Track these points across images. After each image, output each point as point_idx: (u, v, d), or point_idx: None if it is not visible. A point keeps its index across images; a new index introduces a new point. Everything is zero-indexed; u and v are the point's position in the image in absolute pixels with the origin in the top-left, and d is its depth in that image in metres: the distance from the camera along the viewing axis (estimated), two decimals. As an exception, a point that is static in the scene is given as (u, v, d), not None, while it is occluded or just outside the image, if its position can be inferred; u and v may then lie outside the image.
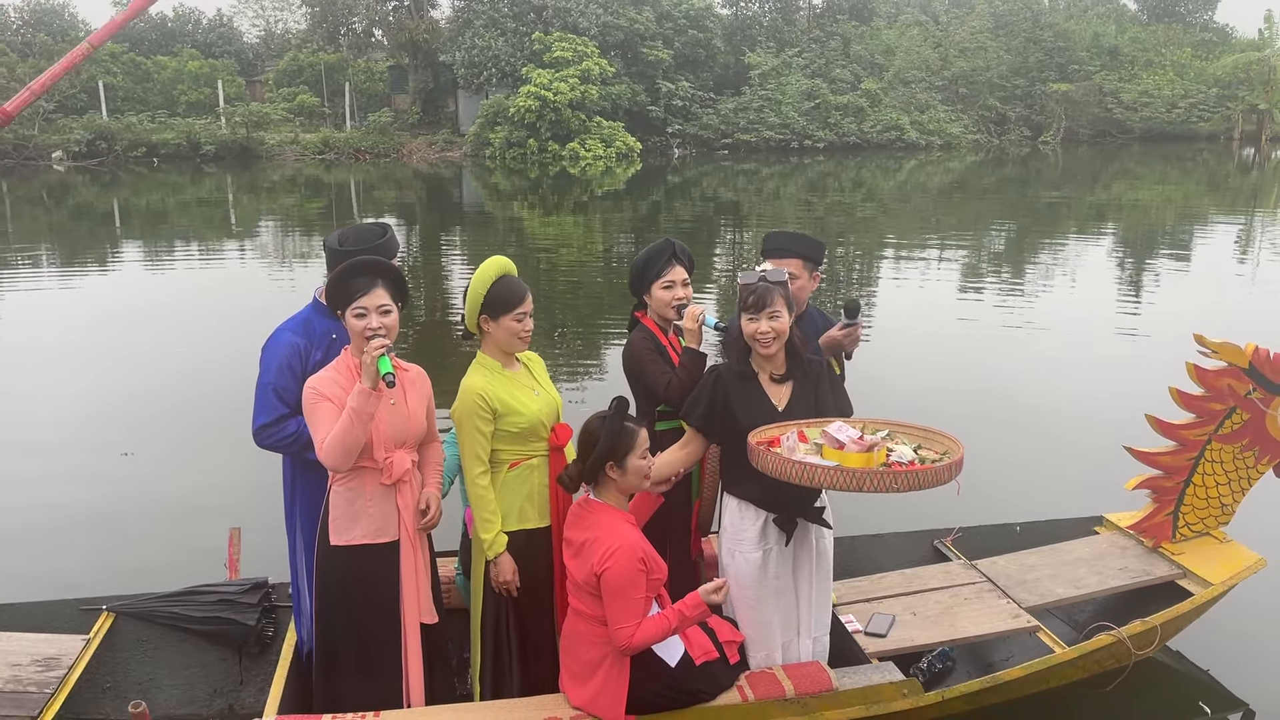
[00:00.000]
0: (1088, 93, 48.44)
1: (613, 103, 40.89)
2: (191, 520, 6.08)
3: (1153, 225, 20.94)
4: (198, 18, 53.66)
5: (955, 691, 3.68)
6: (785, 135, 43.75)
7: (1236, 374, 4.22)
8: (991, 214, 22.75)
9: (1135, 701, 4.14)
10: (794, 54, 46.41)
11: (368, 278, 3.20)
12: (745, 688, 3.43)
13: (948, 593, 4.35)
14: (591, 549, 3.21)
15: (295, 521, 3.70)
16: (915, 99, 46.25)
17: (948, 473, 3.12)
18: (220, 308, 12.53)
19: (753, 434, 3.36)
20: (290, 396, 3.48)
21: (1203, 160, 39.26)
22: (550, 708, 3.35)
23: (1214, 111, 49.10)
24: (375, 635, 3.37)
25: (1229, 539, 4.52)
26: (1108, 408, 7.93)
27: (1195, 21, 58.25)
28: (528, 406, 3.46)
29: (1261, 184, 31.00)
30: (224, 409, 8.04)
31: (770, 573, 3.55)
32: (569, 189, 29.64)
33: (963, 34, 49.99)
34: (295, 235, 20.34)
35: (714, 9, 47.75)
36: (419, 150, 42.02)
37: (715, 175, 34.07)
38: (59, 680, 3.60)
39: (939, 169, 35.65)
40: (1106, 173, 34.23)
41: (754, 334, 3.44)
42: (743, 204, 25.61)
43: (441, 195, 30.21)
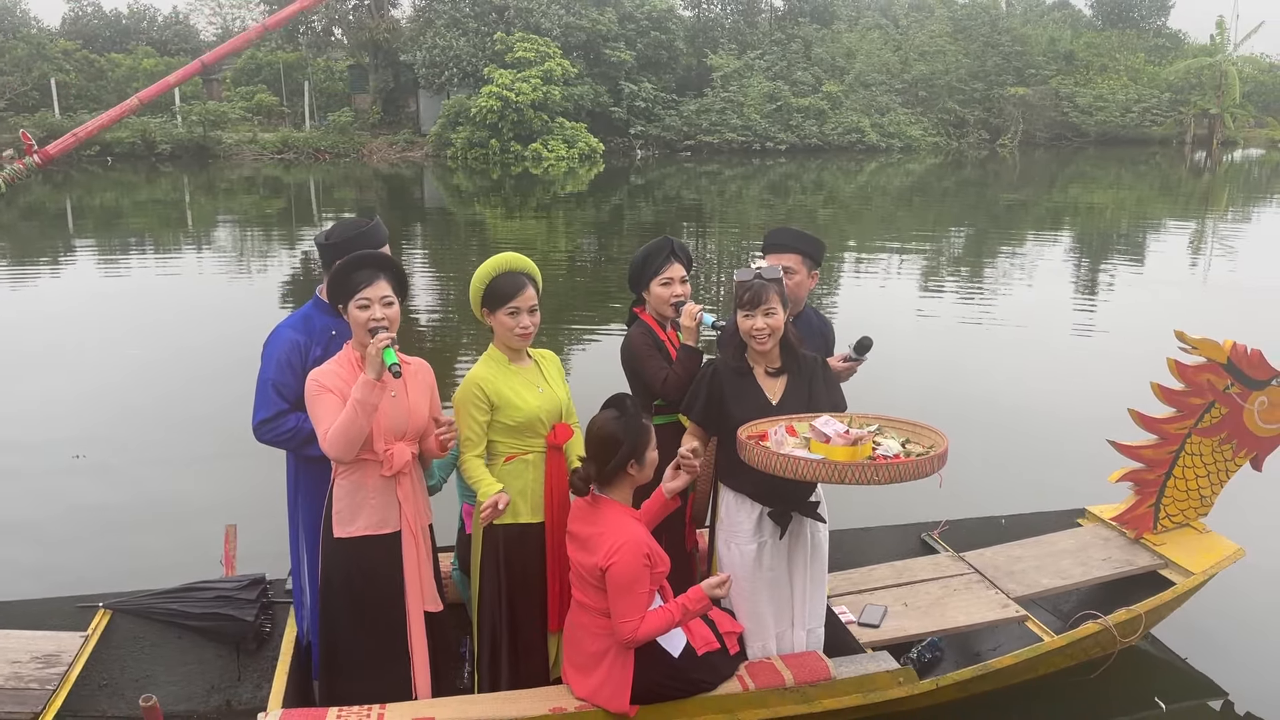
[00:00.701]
0: (1044, 97, 49.09)
1: (575, 103, 40.81)
2: (182, 518, 6.10)
3: (1108, 228, 21.27)
4: (153, 15, 52.94)
5: (949, 679, 3.78)
6: (747, 137, 43.90)
7: (1216, 369, 4.34)
8: (951, 216, 22.99)
9: (1120, 687, 4.27)
10: (756, 56, 46.60)
11: (370, 270, 3.26)
12: (745, 677, 3.52)
13: (938, 584, 4.46)
14: (598, 544, 3.27)
15: (298, 516, 3.73)
16: (876, 102, 46.61)
17: (929, 465, 3.19)
18: (179, 307, 12.35)
19: (742, 429, 3.43)
20: (290, 392, 3.52)
21: (1156, 164, 39.93)
22: (554, 699, 3.41)
23: (1167, 116, 49.95)
24: (380, 625, 3.41)
25: (1208, 530, 4.67)
26: (1077, 404, 8.06)
27: (1148, 27, 59.22)
28: (526, 402, 3.51)
29: (1213, 187, 31.58)
30: (203, 406, 8.15)
31: (765, 565, 3.63)
32: (531, 190, 29.54)
33: (922, 38, 50.46)
34: (254, 236, 20.08)
35: (676, 11, 47.80)
36: (380, 150, 41.67)
37: (678, 177, 34.11)
38: (59, 677, 3.63)
39: (899, 171, 35.95)
40: (1063, 175, 34.71)
41: (750, 330, 3.52)
42: (705, 205, 25.66)
43: (403, 196, 29.97)
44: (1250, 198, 27.89)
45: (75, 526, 6.04)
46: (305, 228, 21.44)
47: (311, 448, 3.46)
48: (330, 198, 28.77)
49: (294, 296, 13.34)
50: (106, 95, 43.47)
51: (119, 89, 43.95)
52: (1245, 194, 29.04)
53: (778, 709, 3.52)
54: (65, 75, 42.12)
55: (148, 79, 44.03)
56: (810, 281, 4.09)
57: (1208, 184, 32.77)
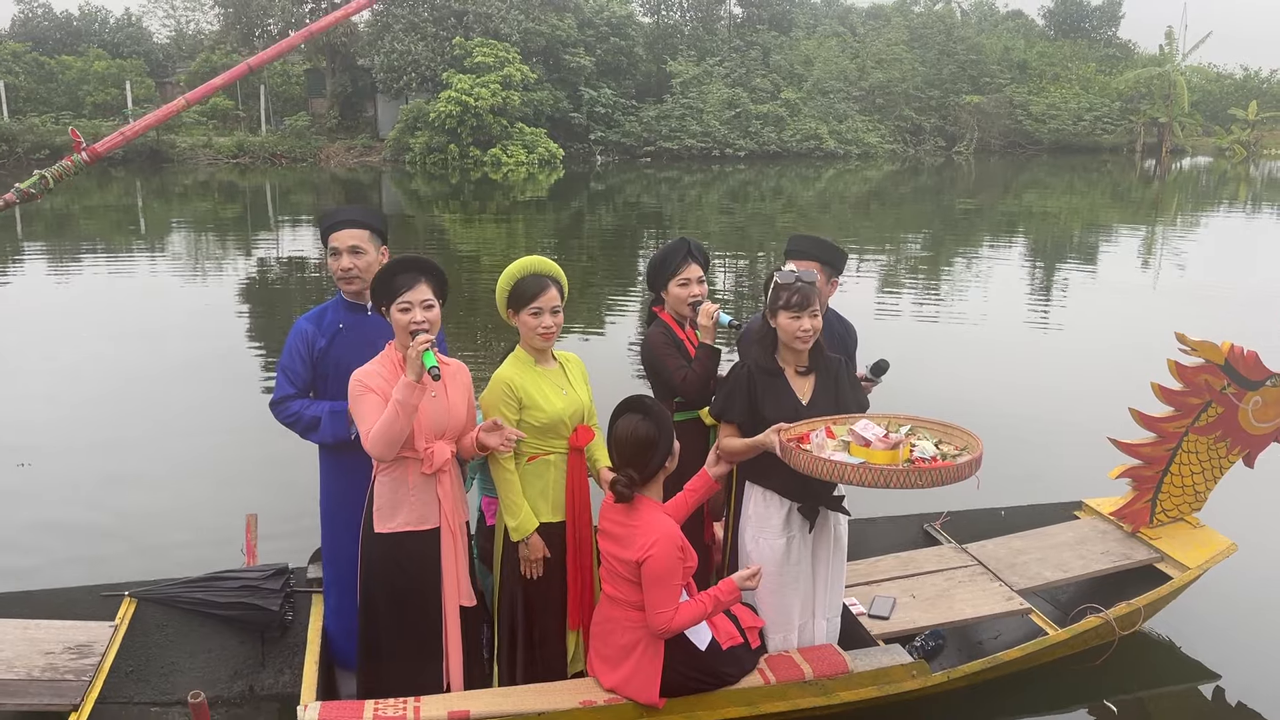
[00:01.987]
0: (999, 105, 49.80)
1: (535, 109, 40.73)
2: (195, 508, 6.23)
3: (1062, 234, 21.60)
4: (104, 16, 52.06)
5: (960, 671, 3.93)
6: (707, 143, 44.07)
7: (1213, 370, 4.51)
8: (909, 222, 23.23)
9: (1118, 674, 4.42)
10: (715, 63, 46.81)
11: (410, 274, 3.34)
12: (766, 671, 3.64)
13: (942, 575, 4.59)
14: (633, 539, 3.36)
15: (331, 510, 3.87)
16: (834, 109, 47.01)
17: (969, 469, 3.33)
18: (170, 306, 12.16)
19: (784, 431, 3.52)
20: (296, 378, 3.74)
21: (1107, 171, 40.65)
22: (583, 691, 3.51)
23: (1117, 124, 50.87)
24: (418, 619, 3.50)
25: (1202, 524, 4.86)
26: (1056, 402, 8.20)
27: (1099, 37, 60.32)
28: (551, 404, 3.60)
29: (1162, 194, 32.20)
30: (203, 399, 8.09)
31: (792, 559, 3.76)
32: (491, 195, 29.42)
33: (879, 46, 50.98)
34: (209, 240, 19.80)
35: (635, 17, 47.92)
36: (337, 155, 41.28)
37: (638, 183, 34.15)
38: (94, 668, 3.66)
39: (857, 178, 36.26)
40: (1017, 182, 35.21)
41: (796, 331, 3.62)
42: (666, 211, 25.71)
43: (361, 200, 29.68)
44: (1199, 205, 28.47)
45: (92, 516, 6.13)
46: (262, 232, 21.18)
47: (313, 434, 3.72)
48: (287, 202, 28.45)
49: (275, 296, 13.17)
50: (57, 98, 42.70)
51: (70, 91, 43.21)
52: (1194, 201, 29.64)
53: (797, 701, 3.65)
54: (14, 78, 41.26)
55: (99, 82, 43.38)
56: (830, 289, 4.21)
57: (1157, 191, 33.40)
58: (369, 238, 3.75)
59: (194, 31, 56.58)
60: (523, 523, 3.57)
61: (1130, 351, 10.31)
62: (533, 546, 3.60)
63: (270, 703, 4.08)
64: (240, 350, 10.56)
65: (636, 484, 3.42)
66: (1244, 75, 60.29)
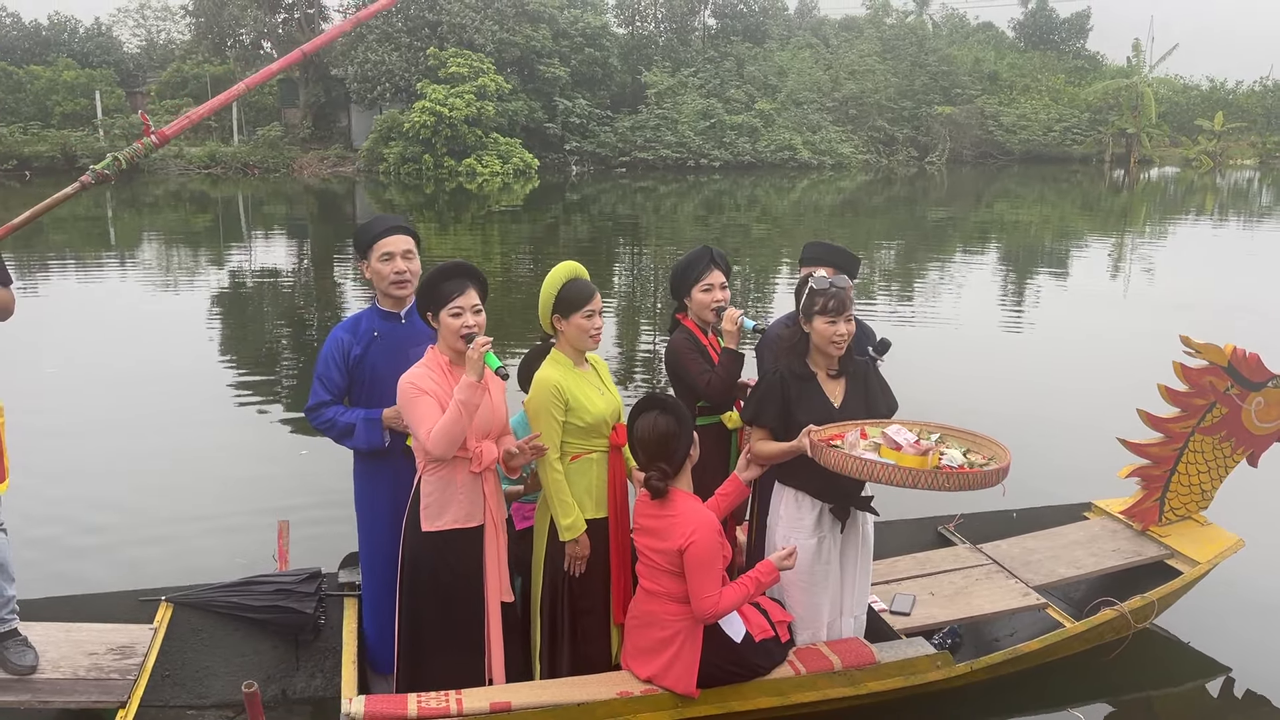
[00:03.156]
0: (970, 115, 50.28)
1: (510, 119, 40.71)
2: (226, 515, 6.31)
3: (1033, 242, 21.81)
4: (74, 26, 51.57)
5: (982, 663, 4.05)
6: (682, 154, 44.20)
7: (1217, 372, 4.63)
8: (882, 231, 23.39)
9: (1131, 671, 4.55)
10: (689, 74, 47.00)
11: (458, 280, 3.45)
12: (796, 662, 3.76)
13: (960, 574, 4.72)
14: (672, 529, 3.48)
15: (368, 513, 3.95)
16: (807, 120, 47.28)
17: (996, 476, 3.45)
18: (158, 318, 12.02)
19: (815, 431, 3.61)
20: (331, 386, 3.82)
21: (1077, 181, 41.09)
22: (620, 683, 3.62)
23: (1087, 135, 51.48)
24: (462, 615, 3.59)
25: (1209, 522, 4.98)
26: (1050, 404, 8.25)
27: (1068, 49, 61.13)
28: (595, 404, 3.69)
29: (1131, 204, 32.60)
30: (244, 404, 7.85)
31: (823, 558, 3.87)
32: (466, 205, 29.36)
33: (852, 57, 51.37)
34: (180, 251, 19.64)
35: (610, 28, 48.01)
36: (310, 165, 41.09)
37: (613, 193, 34.20)
38: (137, 668, 3.75)
39: (831, 188, 36.48)
40: (989, 192, 35.55)
41: (832, 336, 3.72)
42: (641, 221, 25.75)
43: (335, 211, 29.57)
44: (1166, 214, 28.83)
45: (125, 523, 6.21)
46: (233, 243, 21.04)
47: (347, 441, 3.80)
48: (260, 213, 28.27)
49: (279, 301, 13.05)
50: (25, 108, 42.27)
51: (38, 101, 42.78)
52: (1161, 211, 30.02)
53: (827, 691, 3.77)
54: (-19, 87, 40.86)
55: (68, 92, 42.98)
56: None
57: (1126, 201, 33.82)
58: (415, 244, 3.85)
59: (165, 41, 56.31)
60: (575, 521, 3.66)
61: (1115, 357, 10.44)
62: (582, 544, 3.68)
63: (303, 705, 4.16)
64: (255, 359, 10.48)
65: (669, 476, 3.53)
66: (1210, 87, 61.22)
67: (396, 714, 3.35)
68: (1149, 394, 4.79)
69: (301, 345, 11.54)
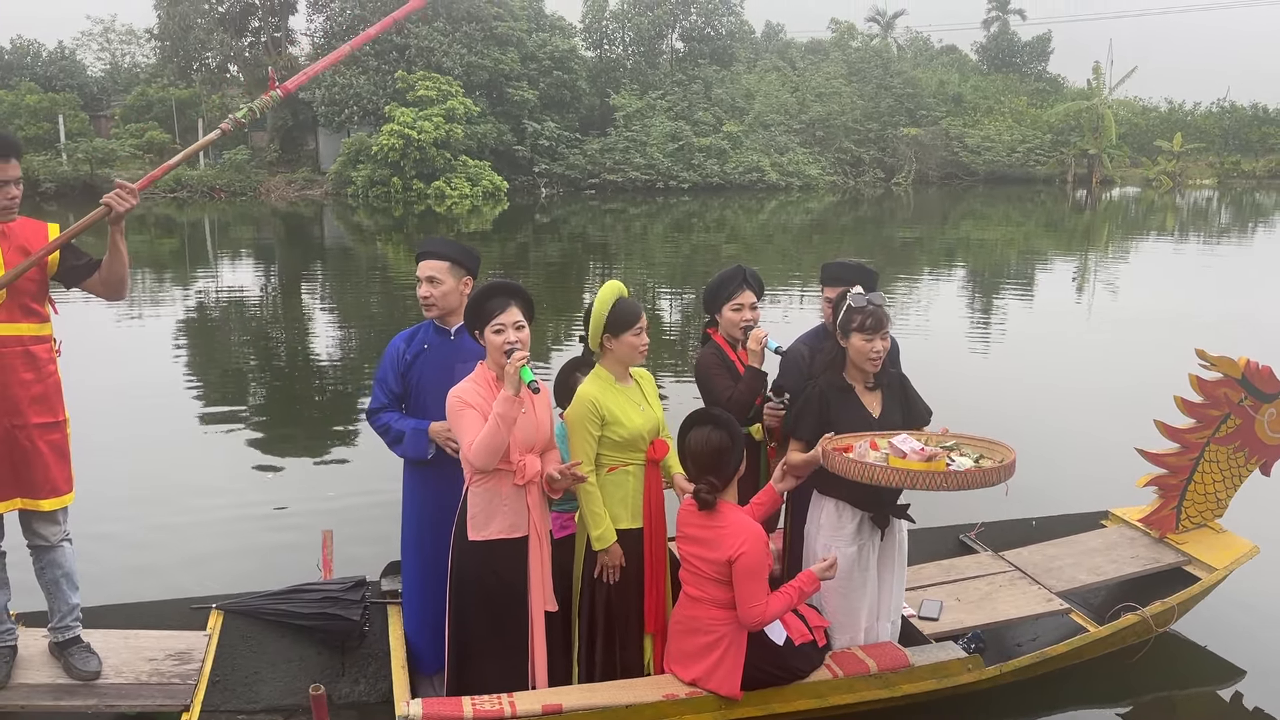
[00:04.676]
0: (935, 137, 50.90)
1: (479, 142, 40.72)
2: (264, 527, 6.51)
3: (999, 261, 22.06)
4: (37, 50, 51.19)
5: (1011, 665, 4.19)
6: (650, 176, 44.39)
7: (1231, 384, 4.76)
8: (851, 252, 23.54)
9: (1149, 675, 4.67)
10: (657, 96, 47.27)
11: (502, 298, 3.57)
12: (833, 665, 3.91)
13: (984, 580, 4.85)
14: (722, 539, 3.61)
15: (415, 521, 4.10)
16: (775, 141, 47.67)
17: (996, 475, 3.61)
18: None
19: (829, 440, 3.80)
20: (388, 391, 4.04)
21: (1041, 201, 41.66)
22: (665, 686, 3.77)
23: (1049, 156, 52.23)
24: (507, 621, 3.72)
25: (1224, 530, 5.11)
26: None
27: (1030, 72, 62.16)
28: (632, 420, 3.82)
29: (1094, 223, 33.08)
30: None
31: (862, 565, 4.01)
32: (435, 228, 29.28)
33: (818, 80, 51.91)
34: (145, 276, 19.42)
35: (578, 51, 48.26)
36: (278, 188, 40.89)
37: (583, 215, 34.25)
38: (196, 672, 3.88)
39: (799, 209, 36.73)
40: (955, 213, 35.95)
41: (869, 353, 3.88)
42: (611, 243, 25.80)
43: (302, 234, 29.40)
44: (1128, 234, 29.28)
45: (169, 534, 6.38)
46: (200, 268, 20.84)
47: (397, 448, 4.00)
48: (226, 236, 28.05)
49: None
50: (-14, 131, 41.72)
51: (0, 125, 42.27)
52: (1123, 230, 30.48)
53: (863, 693, 3.91)
54: (-59, 110, 40.35)
55: (30, 115, 42.53)
56: None
57: (1089, 220, 34.31)
58: (448, 269, 3.97)
59: (130, 65, 55.95)
60: (605, 533, 3.79)
61: (1114, 370, 10.54)
62: (612, 554, 3.81)
63: (348, 710, 4.24)
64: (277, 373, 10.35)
65: (718, 489, 3.65)
66: (1168, 108, 62.44)
67: (453, 716, 3.47)
68: (1144, 404, 4.95)
69: (267, 368, 11.43)
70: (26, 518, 3.67)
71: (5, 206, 3.53)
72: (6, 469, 3.55)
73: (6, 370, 3.51)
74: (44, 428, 3.60)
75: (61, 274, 3.73)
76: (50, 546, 3.72)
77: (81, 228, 3.62)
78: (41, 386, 3.59)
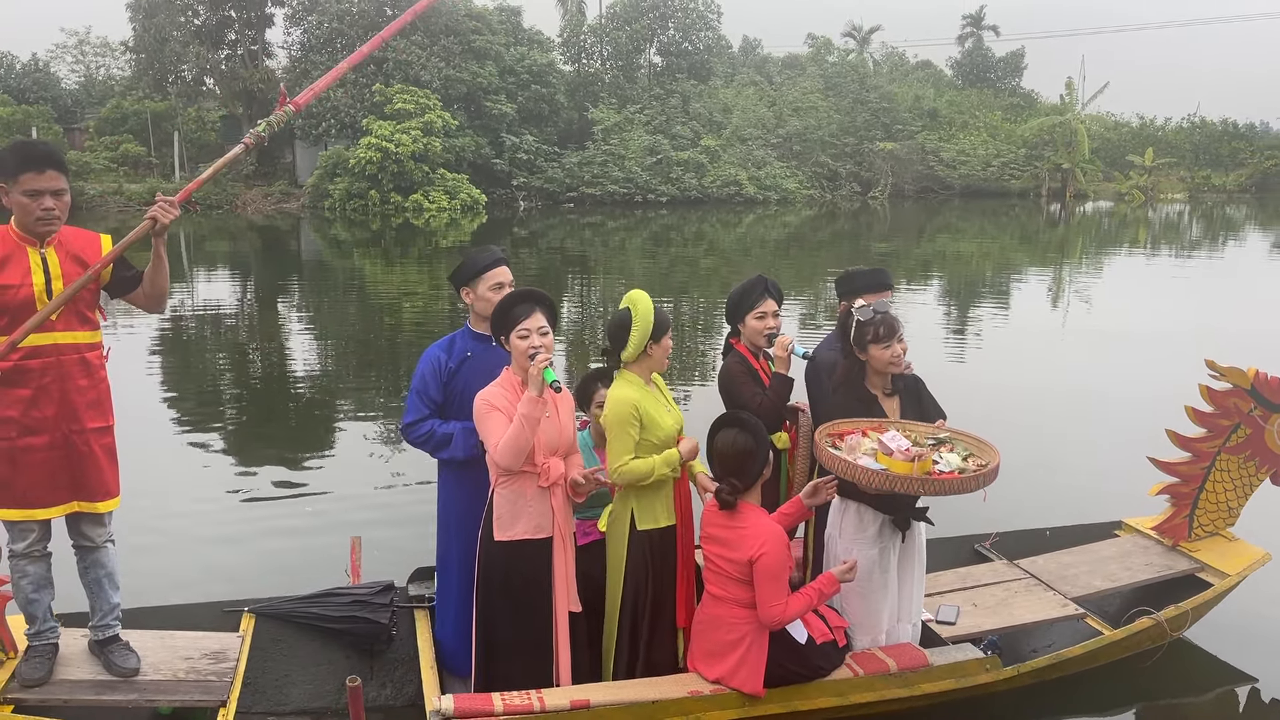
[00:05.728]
0: (911, 151, 51.25)
1: (457, 155, 40.65)
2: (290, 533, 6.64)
3: (973, 274, 22.22)
4: (10, 62, 50.67)
5: (1028, 666, 4.28)
6: (629, 189, 44.45)
7: (1241, 394, 4.86)
8: (828, 265, 23.67)
9: (1162, 680, 4.78)
10: (636, 110, 47.39)
11: (527, 305, 3.75)
12: (854, 665, 4.01)
13: (1000, 587, 4.93)
14: (743, 540, 3.71)
15: (448, 522, 4.23)
16: (752, 155, 47.85)
17: (975, 483, 3.69)
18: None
19: (823, 427, 3.94)
20: (429, 402, 4.12)
21: (1015, 215, 42.00)
22: (690, 683, 3.87)
23: (1024, 170, 52.68)
24: (532, 620, 3.83)
25: (1236, 538, 5.20)
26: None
27: (1004, 87, 62.69)
28: (665, 421, 3.96)
29: (1067, 236, 33.39)
30: None
31: (883, 567, 4.10)
32: (413, 241, 29.22)
33: (795, 94, 52.19)
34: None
35: (556, 65, 48.32)
36: (254, 201, 40.65)
37: (561, 228, 34.26)
38: (232, 670, 4.00)
39: (776, 223, 36.88)
40: (931, 226, 36.20)
41: (889, 359, 4.00)
42: (590, 256, 25.81)
43: (279, 247, 29.26)
44: (1101, 247, 29.57)
45: (197, 540, 6.53)
46: (176, 283, 20.67)
47: (444, 451, 4.10)
48: (202, 250, 27.86)
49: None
50: (-43, 144, 41.26)
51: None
52: (1097, 244, 30.78)
53: (883, 692, 4.00)
54: (-88, 123, 39.87)
55: (2, 128, 42.07)
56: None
57: (1063, 234, 34.63)
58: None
59: (104, 77, 55.47)
60: (664, 460, 3.90)
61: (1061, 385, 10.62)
62: (685, 449, 3.95)
63: (375, 714, 4.30)
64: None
65: (739, 491, 3.77)
66: (1140, 123, 63.11)
67: (484, 710, 3.59)
68: (1152, 418, 5.02)
69: (242, 387, 11.35)
70: (74, 519, 3.81)
71: (41, 218, 3.59)
72: (64, 474, 3.69)
73: (65, 377, 3.65)
74: (98, 432, 3.76)
75: (112, 285, 3.85)
76: (95, 547, 3.87)
77: (131, 240, 3.71)
78: (95, 392, 3.74)
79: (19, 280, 3.56)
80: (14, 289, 3.54)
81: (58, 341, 3.62)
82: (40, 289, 3.58)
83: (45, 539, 3.79)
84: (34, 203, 3.57)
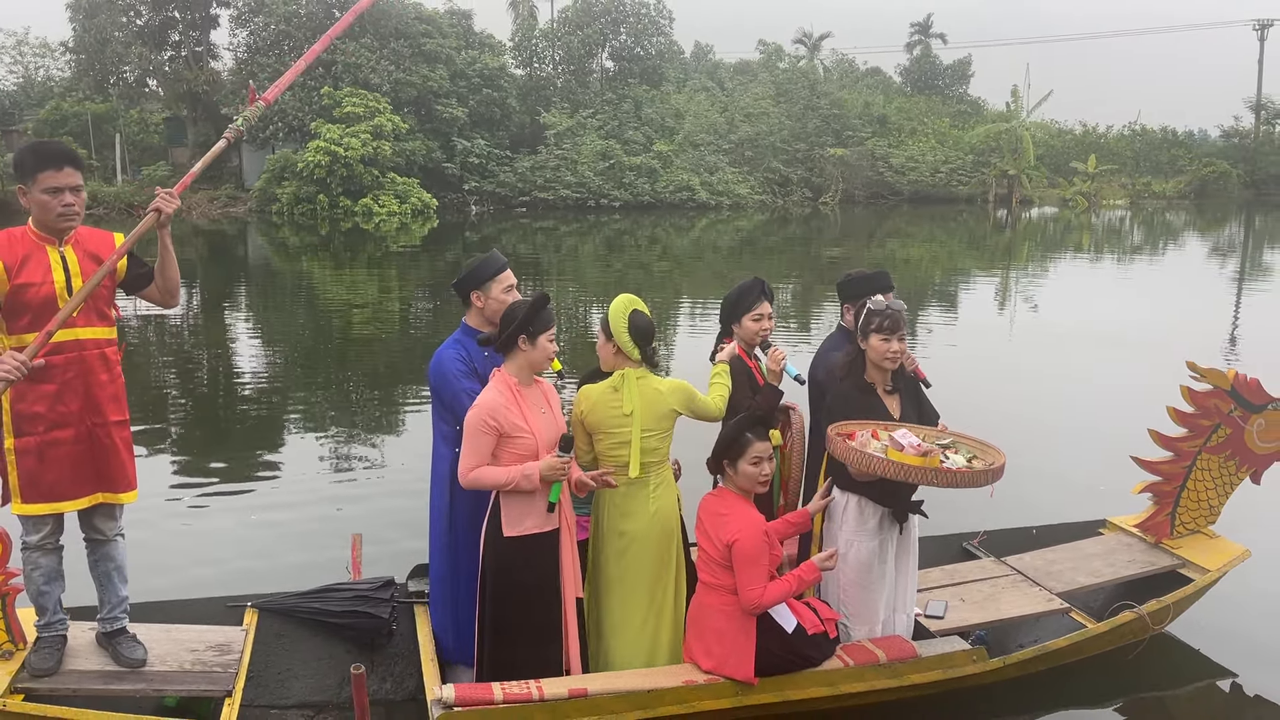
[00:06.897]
0: (861, 157, 51.75)
1: (407, 159, 40.27)
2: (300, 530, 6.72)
3: (922, 279, 22.46)
4: (-55, 62, 49.36)
5: (1014, 658, 4.40)
6: (582, 194, 44.40)
7: (1221, 395, 4.98)
8: (780, 270, 23.80)
9: (1145, 674, 4.90)
10: (588, 115, 47.35)
11: (549, 310, 3.84)
12: (844, 656, 4.14)
13: (987, 583, 5.06)
14: (723, 525, 3.88)
15: (454, 524, 4.23)
16: (705, 161, 48.00)
17: (985, 478, 3.82)
18: None
19: (833, 426, 4.04)
20: (475, 394, 4.01)
21: (963, 220, 42.59)
22: (686, 673, 3.97)
23: (971, 176, 53.43)
24: (542, 611, 3.92)
25: (1217, 535, 5.32)
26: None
27: (952, 94, 63.60)
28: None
29: (1014, 242, 33.92)
30: None
31: (881, 558, 4.24)
32: (363, 245, 28.89)
33: (746, 100, 52.47)
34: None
35: (508, 69, 48.14)
36: (200, 206, 39.94)
37: (514, 232, 34.09)
38: (236, 662, 4.08)
39: (729, 228, 37.02)
40: (881, 231, 36.56)
41: (886, 352, 4.12)
42: (543, 261, 25.70)
43: (225, 252, 28.77)
44: (1046, 252, 30.07)
45: (197, 537, 6.61)
46: (117, 286, 20.17)
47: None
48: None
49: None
50: (-112, 145, 40.10)
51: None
52: (1042, 249, 31.29)
53: (873, 682, 4.12)
54: None
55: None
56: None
57: (1009, 239, 35.17)
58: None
59: (44, 79, 54.16)
60: (718, 375, 4.26)
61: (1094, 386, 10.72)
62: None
63: (375, 708, 4.31)
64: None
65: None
66: (1083, 131, 64.32)
67: (484, 699, 3.70)
68: (1136, 419, 5.07)
69: (192, 393, 11.11)
70: (87, 514, 3.90)
71: (62, 214, 3.69)
72: (89, 466, 3.80)
73: (88, 372, 3.75)
74: (119, 424, 3.87)
75: (128, 282, 3.94)
76: (106, 540, 3.96)
77: (140, 233, 3.76)
78: (114, 386, 3.85)
79: (40, 279, 3.66)
80: (35, 287, 3.64)
81: (80, 337, 3.73)
82: (61, 286, 3.67)
83: (58, 532, 3.88)
84: (54, 199, 3.66)
